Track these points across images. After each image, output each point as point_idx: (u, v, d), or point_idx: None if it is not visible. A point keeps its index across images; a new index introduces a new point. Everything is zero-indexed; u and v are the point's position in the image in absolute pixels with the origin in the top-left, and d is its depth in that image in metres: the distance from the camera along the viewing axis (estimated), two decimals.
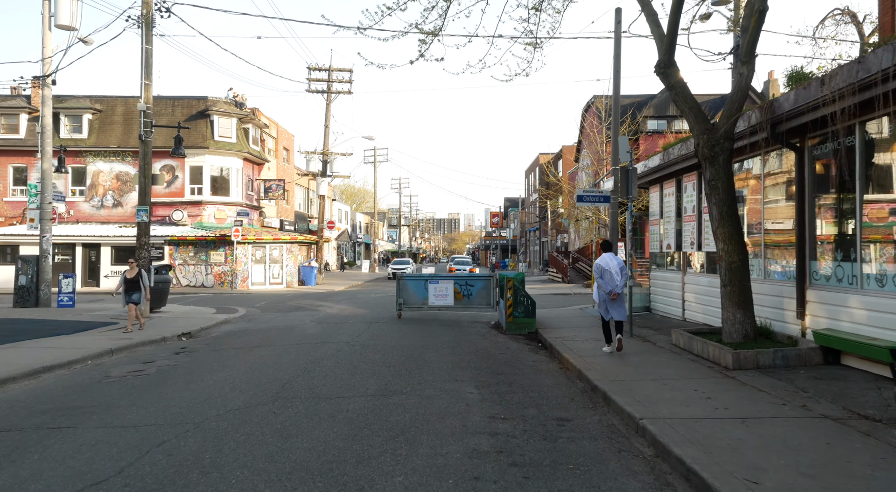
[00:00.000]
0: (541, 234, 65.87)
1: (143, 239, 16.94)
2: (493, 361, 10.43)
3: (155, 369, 9.62)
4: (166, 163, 35.05)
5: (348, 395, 7.62)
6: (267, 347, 11.78)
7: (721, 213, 9.93)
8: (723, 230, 9.90)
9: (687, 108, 10.39)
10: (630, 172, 12.70)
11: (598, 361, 9.82)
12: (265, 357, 10.60)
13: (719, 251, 9.97)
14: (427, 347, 11.70)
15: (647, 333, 12.80)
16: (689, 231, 13.98)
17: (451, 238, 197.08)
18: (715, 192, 10.00)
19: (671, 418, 6.21)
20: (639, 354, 10.29)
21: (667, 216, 15.54)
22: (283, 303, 22.53)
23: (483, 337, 13.46)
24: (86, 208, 34.97)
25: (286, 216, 46.30)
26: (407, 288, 17.04)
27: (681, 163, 13.62)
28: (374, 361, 10.05)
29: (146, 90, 16.90)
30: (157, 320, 16.45)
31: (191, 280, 32.25)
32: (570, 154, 51.30)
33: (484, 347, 12.03)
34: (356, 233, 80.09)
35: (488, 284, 16.79)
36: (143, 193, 17.03)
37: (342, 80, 38.35)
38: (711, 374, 8.51)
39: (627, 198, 12.86)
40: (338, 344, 12.00)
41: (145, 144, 17.08)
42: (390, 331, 14.16)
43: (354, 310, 19.49)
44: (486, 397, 7.65)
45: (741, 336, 9.65)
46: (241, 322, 16.73)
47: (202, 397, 7.51)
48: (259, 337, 13.46)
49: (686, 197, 14.21)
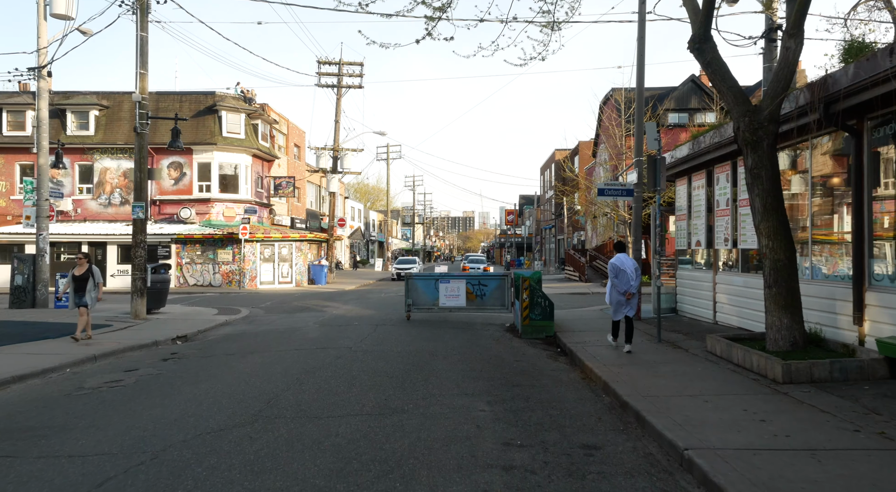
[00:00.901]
0: (556, 231, 64.63)
1: (139, 237, 16.10)
2: (507, 369, 9.40)
3: (134, 380, 8.71)
4: (174, 160, 34.34)
5: (341, 413, 6.63)
6: (262, 353, 10.85)
7: (765, 205, 8.82)
8: (767, 224, 8.79)
9: (725, 87, 9.28)
10: (658, 162, 11.60)
11: (625, 370, 8.76)
12: (257, 365, 9.65)
13: (762, 248, 8.86)
14: (435, 354, 10.70)
15: (677, 338, 11.70)
16: (721, 227, 12.84)
17: (465, 236, 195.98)
18: (758, 181, 8.89)
19: (723, 449, 5.15)
20: (671, 364, 9.21)
21: (696, 211, 14.40)
22: (290, 303, 21.64)
23: (497, 341, 12.43)
24: (93, 206, 34.34)
25: (297, 214, 45.53)
26: (416, 288, 16.05)
27: (713, 152, 12.48)
28: (375, 371, 9.06)
29: (142, 80, 16.05)
30: (154, 322, 15.61)
31: (198, 279, 31.52)
32: (588, 150, 50.01)
33: (498, 353, 11.01)
34: (369, 231, 79.32)
35: (503, 284, 15.75)
36: (140, 188, 16.18)
37: (352, 74, 37.45)
38: (759, 388, 7.42)
39: (655, 190, 11.76)
40: (339, 350, 11.04)
41: (141, 136, 16.24)
42: (397, 334, 13.17)
43: (362, 311, 18.54)
44: (499, 415, 6.63)
45: (788, 344, 8.54)
46: (242, 324, 15.84)
47: (174, 415, 6.56)
48: (256, 341, 12.54)
49: (718, 190, 13.07)
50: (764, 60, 14.14)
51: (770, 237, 8.76)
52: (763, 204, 8.83)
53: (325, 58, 37.19)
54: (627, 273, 10.26)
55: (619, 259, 10.44)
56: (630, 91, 32.49)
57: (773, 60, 14.19)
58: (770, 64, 13.98)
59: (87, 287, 12.32)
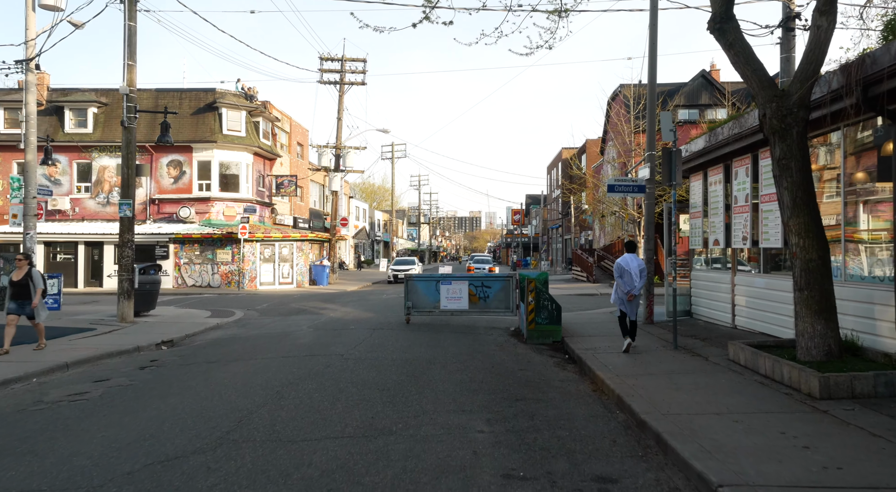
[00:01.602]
0: (563, 231, 63.72)
1: (126, 236, 15.36)
2: (511, 380, 8.59)
3: (101, 392, 7.94)
4: (173, 158, 33.69)
5: (319, 435, 5.83)
6: (246, 361, 10.07)
7: (794, 199, 7.98)
8: (797, 221, 7.95)
9: (750, 71, 8.44)
10: (674, 155, 10.76)
11: (640, 382, 7.93)
12: (238, 375, 8.88)
13: (792, 247, 8.02)
14: (433, 362, 9.89)
15: (694, 345, 10.85)
16: (740, 225, 11.97)
17: (472, 236, 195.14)
18: (786, 173, 8.04)
19: (765, 486, 4.33)
20: (691, 374, 8.37)
21: (712, 208, 13.53)
22: (287, 305, 20.89)
23: (500, 348, 11.62)
24: (91, 205, 33.71)
25: (300, 214, 44.82)
26: (416, 290, 15.25)
27: (732, 144, 11.62)
28: (365, 382, 8.26)
29: (129, 72, 15.31)
30: (141, 326, 14.88)
31: (196, 280, 30.83)
32: (595, 147, 49.09)
33: (501, 360, 10.19)
34: (374, 231, 78.62)
35: (507, 286, 14.92)
36: (126, 185, 15.44)
37: (355, 70, 36.67)
38: (794, 405, 6.58)
39: (670, 185, 10.92)
40: (329, 357, 10.24)
41: (129, 131, 15.51)
42: (394, 340, 12.38)
43: (360, 314, 17.76)
44: (500, 437, 5.82)
45: (822, 353, 7.70)
46: (234, 328, 15.08)
47: (130, 437, 5.79)
48: (244, 347, 11.77)
49: (737, 185, 12.20)
50: (781, 50, 13.29)
51: (801, 235, 7.92)
52: (792, 198, 7.99)
53: (328, 54, 36.47)
54: (631, 274, 10.30)
55: (624, 259, 10.47)
56: (639, 87, 31.62)
57: (791, 50, 13.34)
58: (788, 54, 13.13)
59: (29, 294, 10.95)
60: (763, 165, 11.00)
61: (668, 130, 10.72)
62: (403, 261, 40.34)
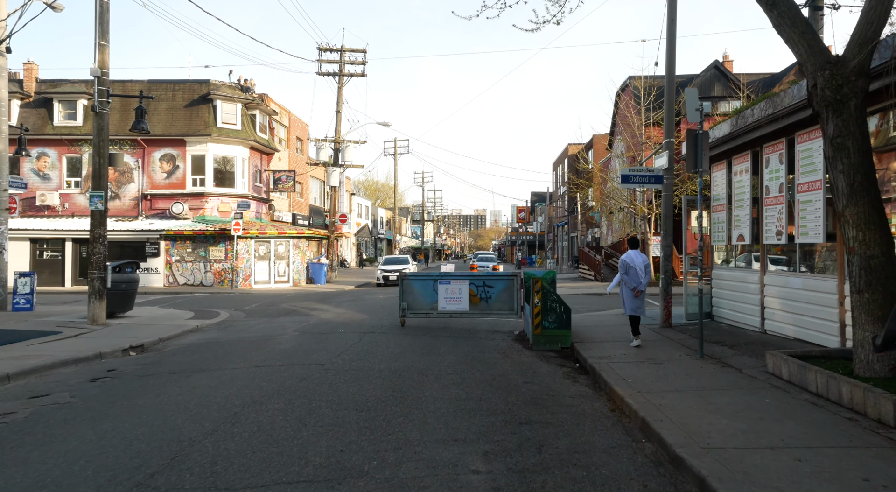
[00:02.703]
0: (569, 228, 62.39)
1: (98, 231, 14.16)
2: (514, 396, 7.35)
3: (28, 413, 6.73)
4: (166, 152, 32.55)
5: (268, 480, 4.59)
6: (214, 372, 8.85)
7: (852, 184, 6.71)
8: (855, 210, 6.68)
9: (797, 34, 7.16)
10: (700, 137, 9.48)
11: (668, 401, 6.68)
12: (197, 391, 7.65)
13: (849, 241, 6.75)
14: (426, 373, 8.65)
15: (722, 353, 9.57)
16: (773, 217, 10.68)
17: (477, 234, 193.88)
18: (842, 154, 6.77)
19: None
20: (728, 391, 7.09)
21: (738, 200, 12.24)
22: (278, 305, 19.67)
23: (503, 355, 10.37)
24: (81, 201, 32.53)
25: (300, 210, 43.66)
26: (412, 290, 14.00)
27: (764, 127, 10.34)
28: (342, 400, 7.03)
29: (101, 52, 14.10)
30: (113, 329, 13.69)
31: (188, 278, 29.68)
32: (602, 143, 47.68)
33: (503, 371, 8.95)
34: (377, 229, 77.44)
35: (511, 286, 13.67)
36: (98, 175, 14.24)
37: (355, 61, 35.42)
38: (865, 436, 5.31)
39: (697, 171, 9.64)
40: (308, 367, 9.01)
41: (100, 117, 14.30)
42: (385, 346, 11.14)
43: (353, 315, 16.53)
44: (499, 481, 4.59)
45: (887, 368, 6.45)
46: (213, 331, 13.87)
47: (23, 485, 4.56)
48: (216, 354, 10.55)
49: (768, 173, 10.91)
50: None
51: (859, 227, 6.65)
52: (850, 183, 6.72)
53: (326, 44, 35.23)
54: (637, 270, 10.42)
55: (629, 256, 10.58)
56: (652, 78, 30.26)
57: (819, 31, 12.08)
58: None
59: None
60: (801, 150, 9.70)
61: (693, 110, 9.43)
62: (395, 260, 35.36)
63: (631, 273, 10.40)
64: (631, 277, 10.40)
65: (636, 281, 10.35)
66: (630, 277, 10.41)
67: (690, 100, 9.46)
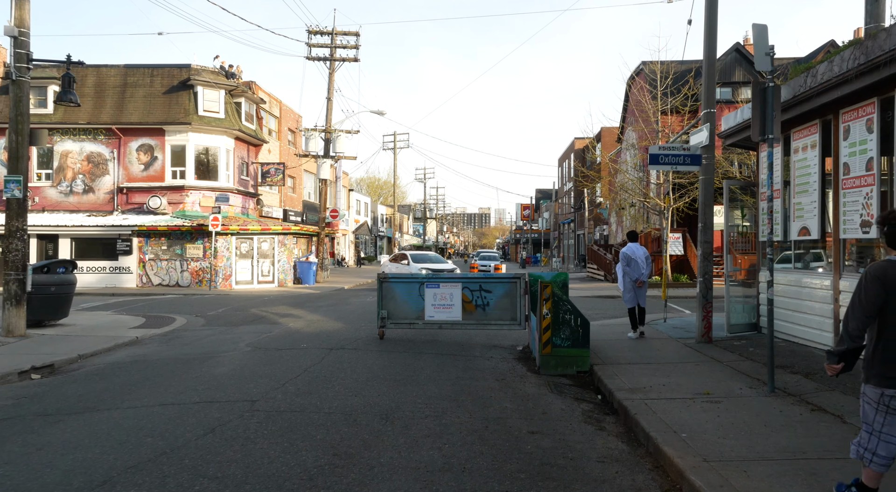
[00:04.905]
0: (576, 226, 59.90)
1: (14, 224, 11.73)
2: (516, 463, 4.90)
3: None
4: (143, 142, 30.17)
5: None
6: (97, 413, 6.40)
7: None
8: None
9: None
10: (770, 93, 6.97)
11: (757, 481, 4.21)
12: (43, 451, 5.20)
13: None
14: (392, 417, 6.19)
15: (798, 385, 7.07)
16: (856, 204, 8.18)
17: (481, 233, 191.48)
18: None
19: None
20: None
21: (799, 184, 9.74)
22: (247, 310, 17.23)
23: (502, 382, 7.92)
24: (53, 195, 30.21)
25: (292, 206, 41.32)
26: (393, 295, 11.54)
27: (847, 84, 7.82)
28: (246, 478, 4.57)
29: (18, 8, 11.66)
30: (33, 341, 11.29)
31: (163, 278, 27.28)
32: (611, 136, 45.07)
33: (502, 411, 6.49)
34: (377, 226, 75.06)
35: (513, 290, 11.18)
36: (15, 157, 11.79)
37: (347, 45, 32.95)
38: None
39: (764, 139, 7.14)
40: (231, 407, 6.55)
41: (18, 85, 11.91)
42: (350, 369, 8.68)
43: (328, 323, 14.07)
44: None
45: None
46: (153, 344, 11.44)
47: None
48: (128, 381, 8.11)
49: (847, 147, 8.41)
50: None
51: None
52: None
53: (316, 27, 32.75)
54: (638, 262, 10.83)
55: (630, 248, 11.01)
56: (665, 63, 27.73)
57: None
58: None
59: None
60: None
61: (762, 55, 6.91)
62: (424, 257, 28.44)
63: (633, 265, 10.78)
64: (633, 269, 10.77)
65: (638, 273, 10.72)
66: (632, 269, 10.77)
67: (759, 41, 6.93)
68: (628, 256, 10.90)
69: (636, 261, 10.82)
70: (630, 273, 10.84)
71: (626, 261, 10.90)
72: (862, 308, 3.55)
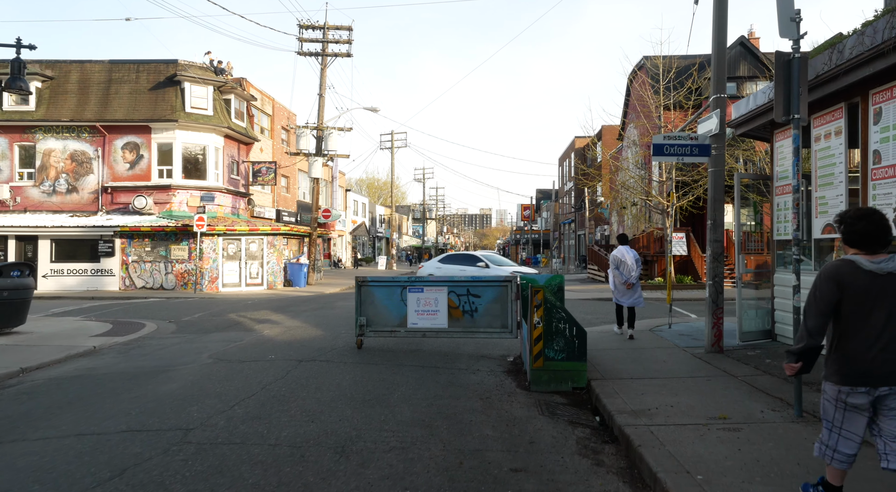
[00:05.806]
0: (576, 226, 58.82)
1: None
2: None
3: None
4: (129, 140, 29.20)
5: None
6: (2, 446, 5.39)
7: None
8: None
9: None
10: (795, 64, 5.95)
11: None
12: None
13: None
14: (349, 451, 5.18)
15: None
16: (888, 196, 7.16)
17: (482, 234, 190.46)
18: None
19: None
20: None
21: (822, 176, 8.72)
22: (224, 315, 16.21)
23: (486, 402, 6.90)
24: (35, 194, 29.23)
25: (286, 206, 40.36)
26: (373, 300, 10.52)
27: (881, 58, 6.81)
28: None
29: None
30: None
31: (147, 281, 26.28)
32: (612, 135, 44.06)
33: (481, 441, 5.47)
34: (375, 227, 74.08)
35: (504, 295, 10.16)
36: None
37: (339, 40, 31.94)
38: None
39: (788, 120, 6.11)
40: (157, 439, 5.54)
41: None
42: (315, 385, 7.66)
43: (306, 330, 13.05)
44: None
45: None
46: (109, 355, 10.44)
47: None
48: (61, 399, 7.11)
49: (878, 133, 7.39)
50: None
51: None
52: None
53: (308, 21, 31.76)
54: (628, 264, 11.04)
55: (620, 251, 11.30)
56: (668, 57, 26.70)
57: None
58: None
59: None
60: None
61: (787, 20, 5.88)
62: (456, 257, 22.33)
63: (622, 268, 11.07)
64: (622, 272, 11.05)
65: (627, 275, 10.99)
66: (621, 272, 11.06)
67: (783, 3, 5.91)
68: (618, 258, 11.22)
69: (626, 263, 11.09)
70: (619, 276, 11.11)
71: (616, 263, 11.24)
72: (817, 306, 3.62)
